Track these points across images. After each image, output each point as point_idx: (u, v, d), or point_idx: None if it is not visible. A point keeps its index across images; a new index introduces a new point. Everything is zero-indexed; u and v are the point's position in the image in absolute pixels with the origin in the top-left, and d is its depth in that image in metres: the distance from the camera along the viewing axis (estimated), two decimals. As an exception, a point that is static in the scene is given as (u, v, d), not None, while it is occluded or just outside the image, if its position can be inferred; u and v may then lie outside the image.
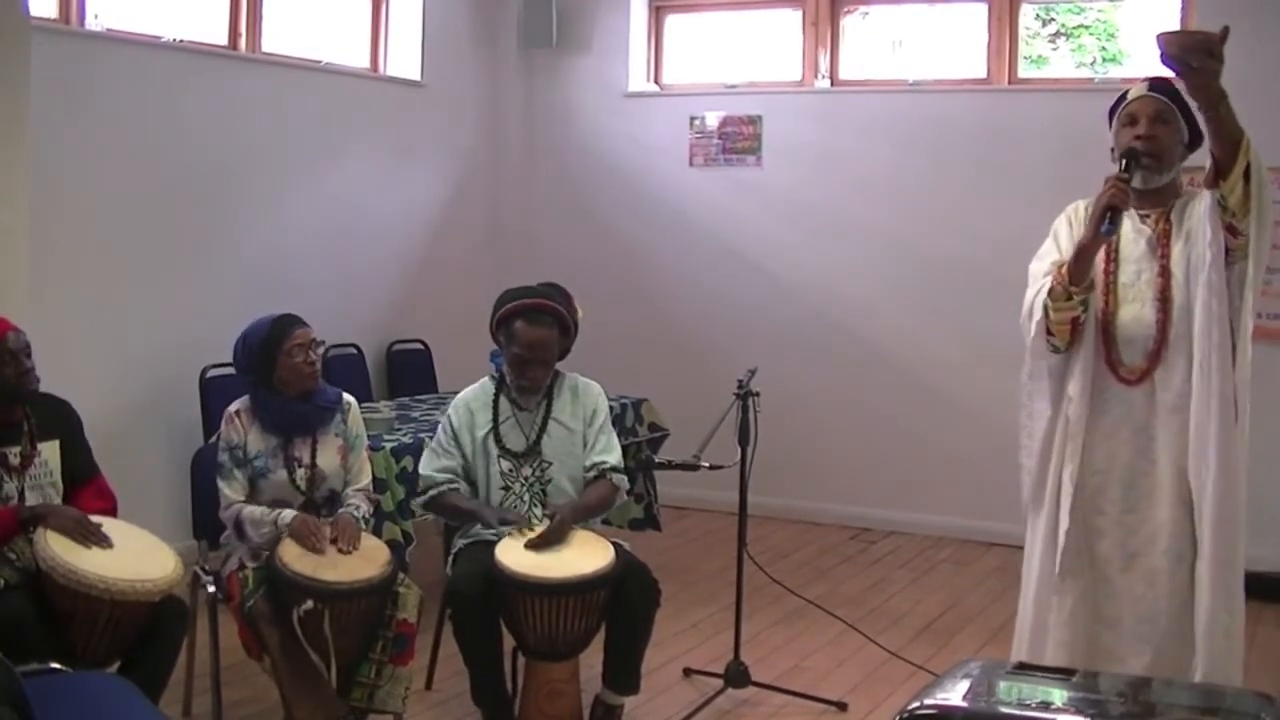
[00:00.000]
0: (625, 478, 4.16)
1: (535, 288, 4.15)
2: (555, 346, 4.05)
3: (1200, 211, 3.33)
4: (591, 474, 4.08)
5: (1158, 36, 3.17)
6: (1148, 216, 3.45)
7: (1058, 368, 3.51)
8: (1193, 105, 3.31)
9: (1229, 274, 3.34)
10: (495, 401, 4.10)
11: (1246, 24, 5.91)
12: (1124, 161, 3.36)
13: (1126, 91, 3.51)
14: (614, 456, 4.11)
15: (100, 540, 3.45)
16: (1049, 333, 3.45)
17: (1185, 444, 3.35)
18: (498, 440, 4.05)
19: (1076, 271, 3.39)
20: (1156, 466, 3.40)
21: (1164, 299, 3.39)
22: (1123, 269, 3.46)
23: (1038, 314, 3.46)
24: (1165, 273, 3.40)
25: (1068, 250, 3.45)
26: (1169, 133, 3.40)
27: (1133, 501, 3.43)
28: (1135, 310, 3.43)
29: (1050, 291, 3.42)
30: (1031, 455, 3.58)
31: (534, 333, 3.99)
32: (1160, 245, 3.42)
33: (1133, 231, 3.46)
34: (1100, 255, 3.45)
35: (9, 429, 3.55)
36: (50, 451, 3.62)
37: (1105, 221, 3.29)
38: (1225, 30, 3.13)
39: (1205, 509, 3.30)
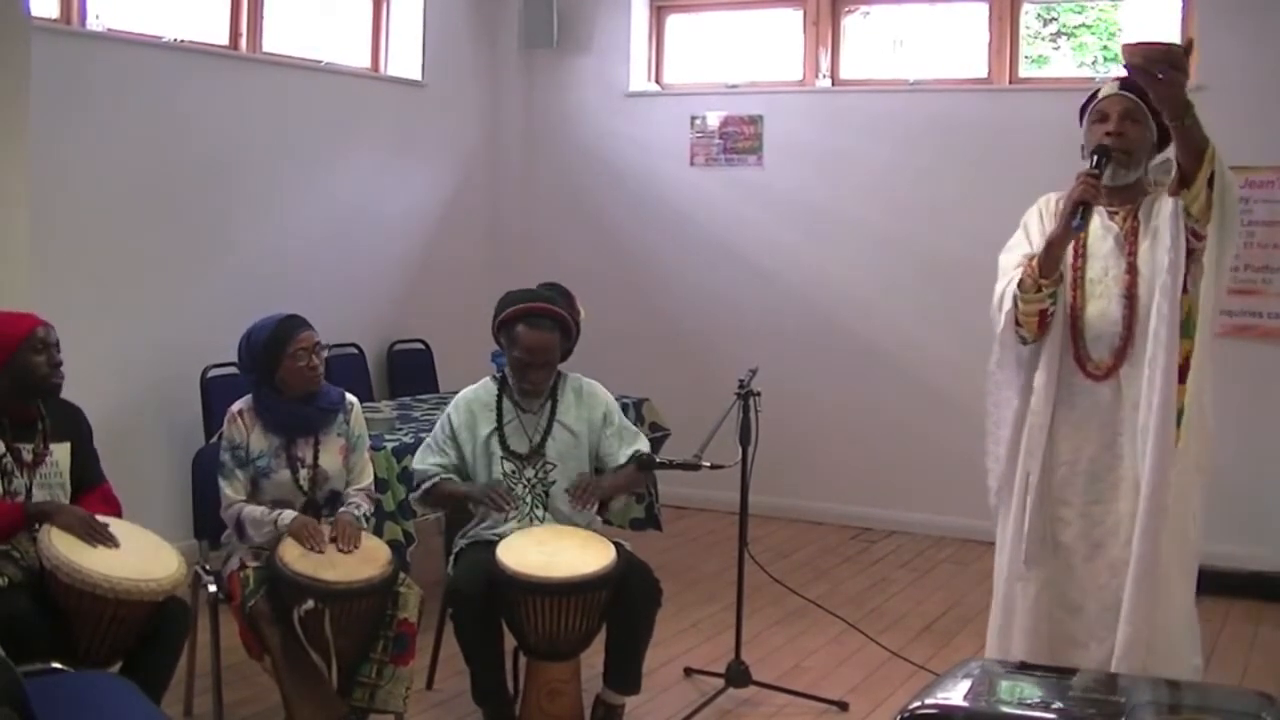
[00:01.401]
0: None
1: (537, 290, 4.15)
2: (557, 350, 4.05)
3: (1165, 214, 3.35)
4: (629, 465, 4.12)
5: (1123, 47, 3.20)
6: (1116, 214, 3.48)
7: (1026, 359, 3.53)
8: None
9: (1192, 277, 3.34)
10: (499, 402, 4.10)
11: (1247, 24, 5.96)
12: (1095, 158, 3.39)
13: (1098, 90, 3.53)
14: (643, 442, 4.18)
15: (107, 540, 3.45)
16: (1018, 324, 3.49)
17: None
18: (502, 441, 4.05)
19: (1046, 264, 3.42)
20: (1122, 462, 3.43)
21: (1130, 296, 3.42)
22: (1090, 265, 3.49)
23: (1007, 305, 3.50)
24: (1132, 270, 3.43)
25: (1038, 243, 3.50)
26: (1139, 131, 3.42)
27: (1098, 494, 3.47)
28: (1102, 306, 3.45)
29: (1020, 284, 3.47)
30: (999, 443, 3.61)
31: (535, 337, 3.99)
32: (1128, 243, 3.45)
33: (1101, 228, 3.48)
34: (1069, 250, 3.48)
35: (25, 426, 3.57)
36: (61, 453, 3.63)
37: (1076, 217, 3.31)
38: (1190, 42, 3.18)
39: (1139, 502, 3.34)
